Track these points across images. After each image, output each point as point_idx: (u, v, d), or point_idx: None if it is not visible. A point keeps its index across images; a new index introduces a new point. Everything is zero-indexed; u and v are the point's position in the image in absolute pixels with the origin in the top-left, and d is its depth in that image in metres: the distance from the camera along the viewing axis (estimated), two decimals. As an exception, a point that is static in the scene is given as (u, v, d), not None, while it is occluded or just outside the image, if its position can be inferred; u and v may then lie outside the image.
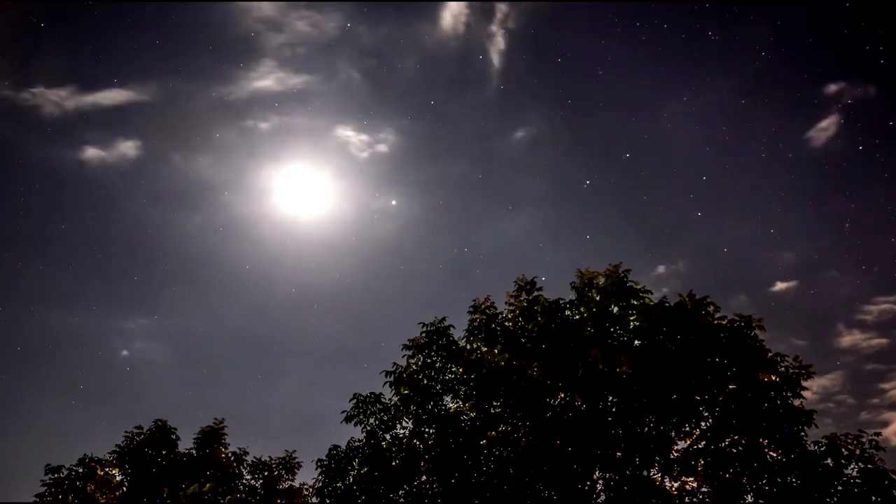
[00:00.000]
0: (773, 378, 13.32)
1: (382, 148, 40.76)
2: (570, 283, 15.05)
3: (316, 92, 39.79)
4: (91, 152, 39.25)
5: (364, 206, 41.04)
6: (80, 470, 18.09)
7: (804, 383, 13.28)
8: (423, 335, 15.50)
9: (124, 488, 18.34)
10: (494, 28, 37.79)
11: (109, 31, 36.47)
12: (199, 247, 41.90)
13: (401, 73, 39.88)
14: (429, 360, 15.28)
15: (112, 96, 36.95)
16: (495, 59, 38.28)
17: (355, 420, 15.11)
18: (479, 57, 38.99)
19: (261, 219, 40.76)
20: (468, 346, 15.26)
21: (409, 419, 14.99)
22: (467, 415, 14.58)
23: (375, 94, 40.93)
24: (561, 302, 14.81)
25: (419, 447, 14.54)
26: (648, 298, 14.50)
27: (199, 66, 39.25)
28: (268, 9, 37.12)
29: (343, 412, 15.17)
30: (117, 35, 36.25)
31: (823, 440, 12.85)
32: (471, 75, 40.33)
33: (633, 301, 14.47)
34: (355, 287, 42.37)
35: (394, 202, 41.46)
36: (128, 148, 39.43)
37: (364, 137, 40.12)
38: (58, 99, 36.39)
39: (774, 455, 12.80)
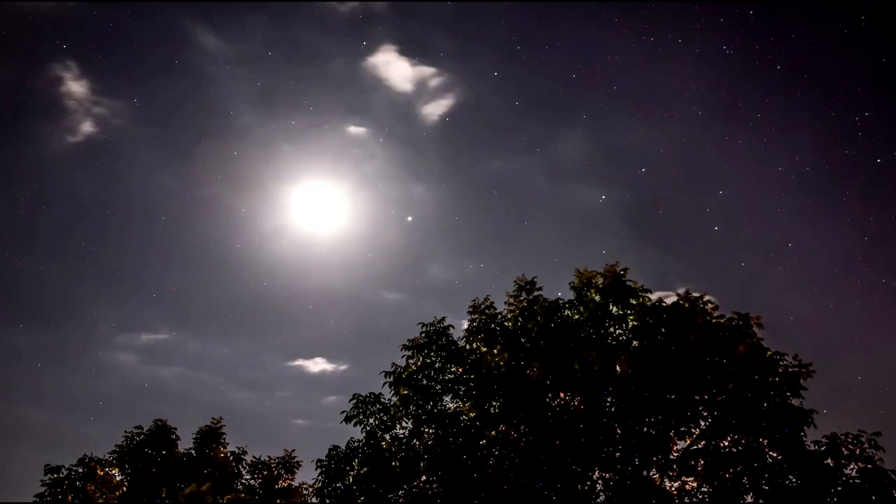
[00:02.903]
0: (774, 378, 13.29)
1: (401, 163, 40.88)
2: (569, 283, 15.06)
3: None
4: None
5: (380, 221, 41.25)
6: (80, 470, 18.11)
7: (803, 382, 13.27)
8: (423, 335, 15.48)
9: (124, 488, 18.35)
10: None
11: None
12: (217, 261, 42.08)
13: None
14: (428, 361, 15.26)
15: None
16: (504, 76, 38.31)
17: (355, 420, 15.08)
18: (494, 73, 39.01)
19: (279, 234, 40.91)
20: (468, 347, 15.23)
21: (409, 419, 14.97)
22: (467, 415, 14.56)
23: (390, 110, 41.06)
24: (560, 302, 14.80)
25: (419, 447, 14.51)
26: (647, 298, 14.48)
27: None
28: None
29: (343, 412, 15.17)
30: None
31: (823, 440, 12.83)
32: (485, 94, 40.44)
33: (631, 300, 14.44)
34: (369, 303, 42.64)
35: (410, 218, 41.64)
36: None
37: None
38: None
39: (774, 455, 12.77)
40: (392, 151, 41.40)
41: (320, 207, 39.13)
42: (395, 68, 39.31)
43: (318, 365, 43.28)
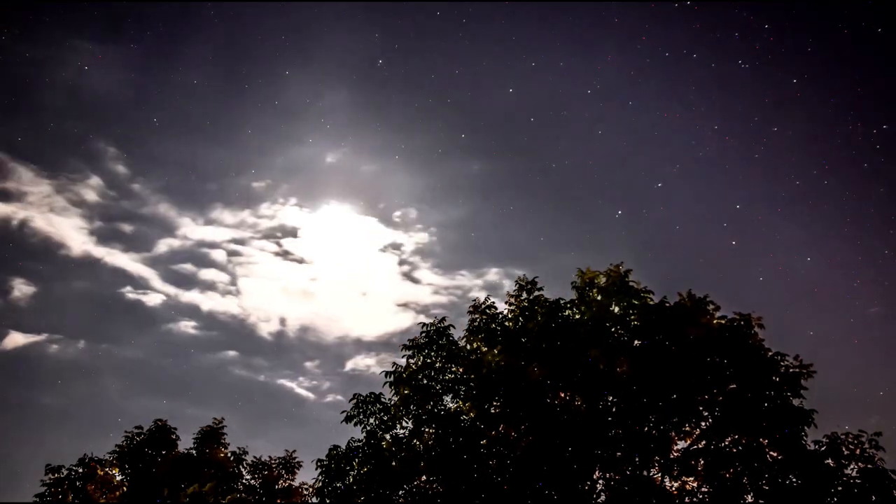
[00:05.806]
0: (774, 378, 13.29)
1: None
2: (571, 283, 15.06)
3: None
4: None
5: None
6: (80, 470, 18.10)
7: (804, 382, 13.27)
8: (423, 335, 15.47)
9: (124, 488, 18.34)
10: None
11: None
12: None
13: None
14: (429, 361, 15.25)
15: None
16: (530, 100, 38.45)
17: (355, 420, 15.07)
18: (509, 89, 39.02)
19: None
20: (468, 346, 15.23)
21: (409, 419, 14.96)
22: (467, 415, 14.56)
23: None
24: (561, 301, 14.81)
25: (419, 447, 14.51)
26: (650, 298, 14.48)
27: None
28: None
29: (343, 412, 15.16)
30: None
31: (824, 440, 12.84)
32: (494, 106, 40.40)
33: (633, 301, 14.45)
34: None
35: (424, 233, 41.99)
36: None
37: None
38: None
39: (774, 455, 12.77)
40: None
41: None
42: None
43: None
